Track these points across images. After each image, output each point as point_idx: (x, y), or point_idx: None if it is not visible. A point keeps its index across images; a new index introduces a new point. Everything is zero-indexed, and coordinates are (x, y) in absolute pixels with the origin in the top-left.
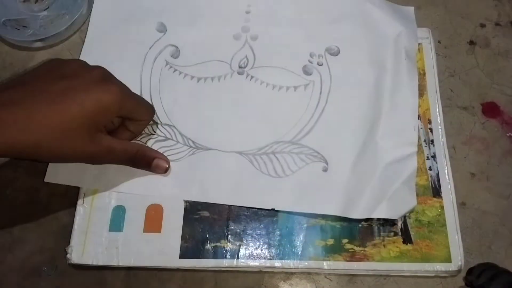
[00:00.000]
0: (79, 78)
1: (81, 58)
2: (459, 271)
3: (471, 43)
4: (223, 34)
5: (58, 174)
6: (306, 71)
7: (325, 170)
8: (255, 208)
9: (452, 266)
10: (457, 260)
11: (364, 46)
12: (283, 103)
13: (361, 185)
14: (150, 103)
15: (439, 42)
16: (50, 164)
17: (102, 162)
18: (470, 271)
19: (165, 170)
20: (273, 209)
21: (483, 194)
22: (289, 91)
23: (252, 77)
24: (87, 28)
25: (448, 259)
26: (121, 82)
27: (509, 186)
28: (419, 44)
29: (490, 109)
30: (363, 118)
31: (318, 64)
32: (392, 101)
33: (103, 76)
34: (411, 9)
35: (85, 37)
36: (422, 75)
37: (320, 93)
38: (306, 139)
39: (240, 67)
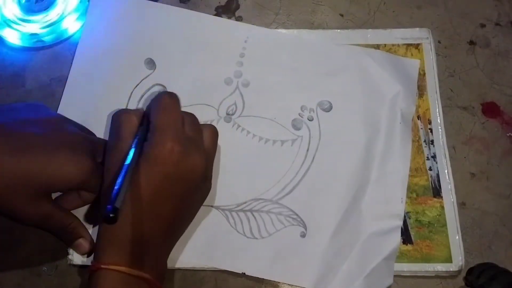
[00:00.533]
0: (53, 137)
1: (65, 90)
2: (459, 271)
3: (471, 43)
4: (214, 78)
5: None
6: (295, 125)
7: (303, 235)
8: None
9: (453, 266)
10: (458, 260)
11: (359, 104)
12: (267, 158)
13: (339, 257)
14: None
15: (439, 42)
16: None
17: (34, 225)
18: (470, 271)
19: (85, 253)
20: (243, 273)
21: (483, 194)
22: (275, 145)
23: (238, 126)
24: (73, 58)
25: (448, 259)
26: (93, 153)
27: (509, 186)
28: (419, 44)
29: (490, 109)
30: (350, 183)
31: (308, 119)
32: (382, 168)
33: (79, 144)
34: (415, 63)
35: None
36: (422, 75)
37: (307, 150)
38: (286, 199)
39: (227, 114)
